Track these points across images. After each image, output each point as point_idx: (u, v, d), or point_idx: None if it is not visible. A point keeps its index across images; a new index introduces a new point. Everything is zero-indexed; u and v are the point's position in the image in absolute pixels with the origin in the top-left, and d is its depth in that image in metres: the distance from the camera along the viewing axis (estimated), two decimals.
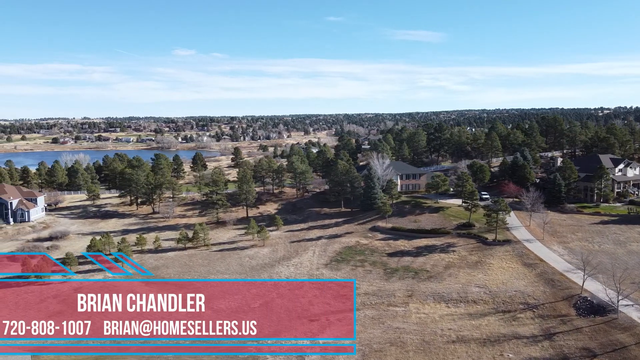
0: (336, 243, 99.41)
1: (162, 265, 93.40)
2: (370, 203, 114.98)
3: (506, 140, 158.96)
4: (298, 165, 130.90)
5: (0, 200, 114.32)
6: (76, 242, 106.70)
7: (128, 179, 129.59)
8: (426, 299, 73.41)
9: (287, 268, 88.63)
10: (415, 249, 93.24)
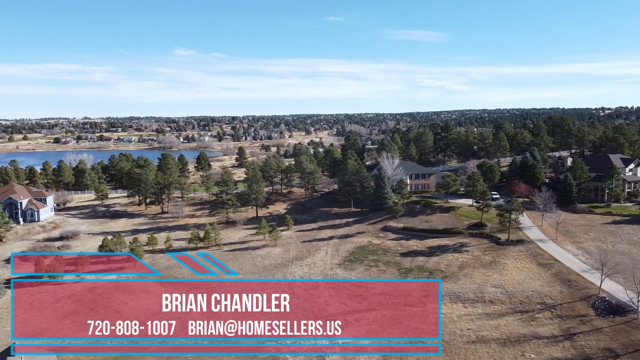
0: (348, 243, 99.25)
1: (174, 265, 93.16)
2: (380, 203, 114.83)
3: (513, 140, 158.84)
4: (307, 165, 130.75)
5: (11, 200, 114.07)
6: (87, 242, 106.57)
7: (137, 178, 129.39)
8: (442, 299, 73.17)
9: (301, 268, 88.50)
10: (428, 248, 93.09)
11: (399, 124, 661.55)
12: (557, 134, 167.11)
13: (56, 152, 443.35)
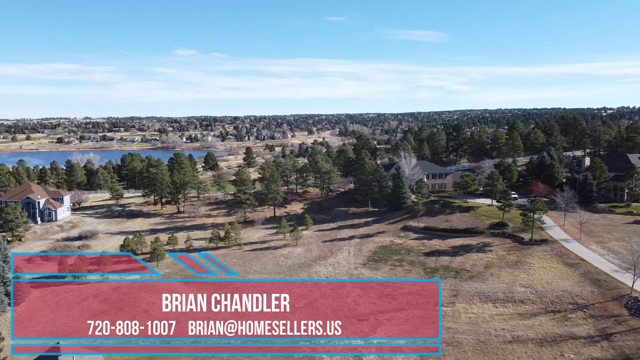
0: (370, 243, 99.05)
1: (197, 265, 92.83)
2: (399, 203, 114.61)
3: (526, 140, 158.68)
4: (323, 165, 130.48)
5: (29, 199, 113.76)
6: (106, 242, 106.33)
7: (153, 178, 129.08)
8: (472, 298, 73.08)
9: (325, 268, 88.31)
10: (451, 248, 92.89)
11: (401, 124, 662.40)
12: (569, 134, 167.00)
13: (60, 152, 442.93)
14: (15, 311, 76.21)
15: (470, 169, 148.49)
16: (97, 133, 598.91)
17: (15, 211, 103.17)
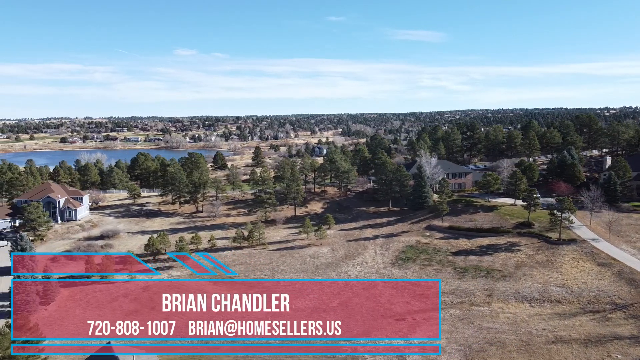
0: (395, 242, 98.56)
1: (223, 264, 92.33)
2: (421, 202, 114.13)
3: (542, 140, 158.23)
4: (341, 164, 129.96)
5: (49, 198, 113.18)
6: (128, 241, 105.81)
7: (171, 177, 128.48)
8: (507, 298, 72.60)
9: (354, 267, 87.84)
10: (478, 247, 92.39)
11: (404, 124, 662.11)
12: (584, 133, 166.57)
13: (64, 152, 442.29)
14: (47, 310, 75.81)
15: (486, 169, 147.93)
16: (100, 133, 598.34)
17: (38, 210, 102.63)
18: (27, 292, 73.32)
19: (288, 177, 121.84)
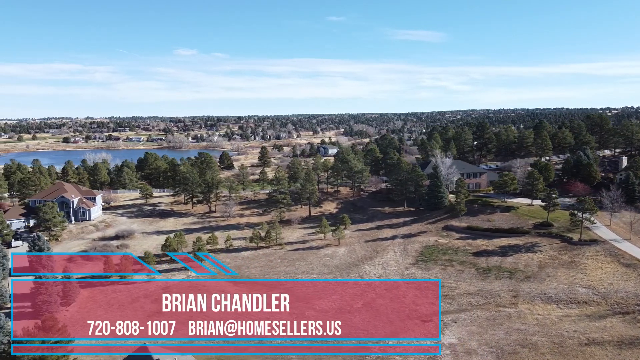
0: (414, 242, 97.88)
1: (242, 264, 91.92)
2: (436, 202, 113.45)
3: (554, 139, 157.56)
4: (355, 164, 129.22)
5: (63, 198, 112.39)
6: (143, 241, 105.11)
7: (184, 177, 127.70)
8: (533, 299, 71.92)
9: (375, 268, 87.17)
10: (498, 248, 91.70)
11: (406, 124, 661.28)
12: (595, 133, 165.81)
13: (67, 151, 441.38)
14: (68, 311, 75.11)
15: (498, 169, 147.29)
16: (102, 133, 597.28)
17: (53, 210, 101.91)
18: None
19: (302, 177, 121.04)
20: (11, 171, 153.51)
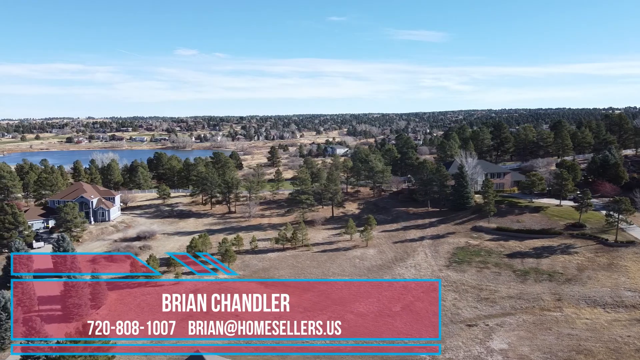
0: (444, 244, 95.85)
1: (269, 266, 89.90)
2: (462, 203, 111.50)
3: (574, 139, 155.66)
4: (376, 164, 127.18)
5: (83, 199, 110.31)
6: (166, 242, 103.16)
7: (203, 177, 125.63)
8: (578, 303, 69.83)
9: (408, 270, 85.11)
10: (532, 250, 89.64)
11: (409, 124, 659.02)
12: (614, 133, 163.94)
13: (70, 151, 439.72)
14: (98, 314, 73.13)
15: (519, 168, 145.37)
16: (105, 133, 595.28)
17: (74, 211, 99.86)
18: (79, 295, 70.61)
19: (323, 177, 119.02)
20: (24, 171, 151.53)
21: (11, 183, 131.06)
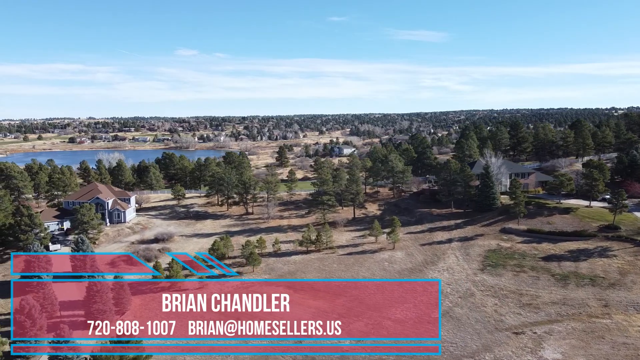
0: (474, 246, 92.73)
1: (296, 270, 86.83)
2: (488, 203, 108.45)
3: (594, 139, 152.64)
4: (396, 164, 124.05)
5: (98, 200, 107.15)
6: (185, 245, 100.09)
7: (219, 178, 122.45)
8: (627, 309, 66.68)
9: (440, 273, 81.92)
10: (567, 252, 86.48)
11: (412, 124, 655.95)
12: (635, 132, 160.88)
13: (73, 152, 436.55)
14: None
15: (539, 168, 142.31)
16: (108, 133, 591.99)
17: (91, 212, 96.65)
18: (104, 300, 67.45)
19: (343, 177, 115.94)
20: (33, 171, 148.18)
21: (22, 183, 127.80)
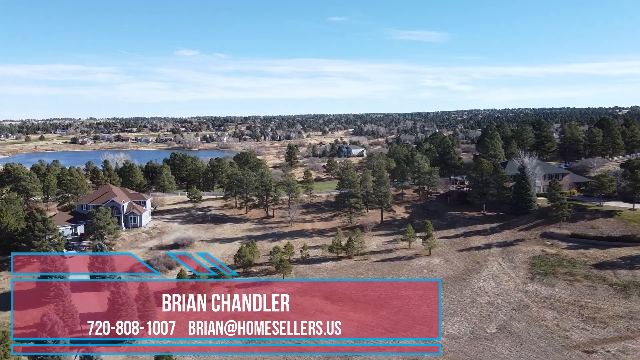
0: (517, 252, 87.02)
1: (329, 278, 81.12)
2: (525, 206, 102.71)
3: (623, 138, 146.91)
4: (423, 165, 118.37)
5: (113, 203, 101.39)
6: (206, 251, 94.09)
7: (239, 179, 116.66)
8: None
9: (487, 282, 76.24)
10: (620, 259, 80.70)
11: (415, 124, 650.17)
12: None
13: (76, 152, 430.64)
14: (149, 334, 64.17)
15: (569, 169, 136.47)
16: (110, 133, 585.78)
17: (107, 216, 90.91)
18: (129, 313, 61.67)
19: (369, 178, 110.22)
20: (41, 172, 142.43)
21: (31, 186, 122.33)
